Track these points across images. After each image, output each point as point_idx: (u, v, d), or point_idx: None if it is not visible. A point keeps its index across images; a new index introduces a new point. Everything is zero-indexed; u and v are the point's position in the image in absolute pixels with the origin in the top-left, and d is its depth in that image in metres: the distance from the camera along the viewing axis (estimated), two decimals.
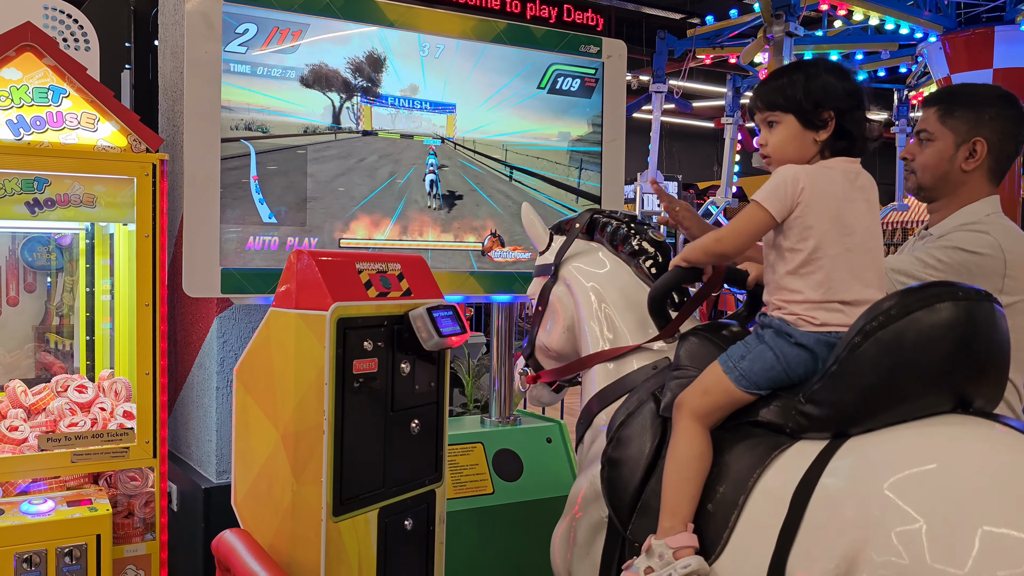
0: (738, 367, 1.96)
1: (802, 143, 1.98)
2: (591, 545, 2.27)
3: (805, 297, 1.92)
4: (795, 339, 1.92)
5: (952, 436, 1.68)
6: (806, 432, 1.86)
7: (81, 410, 3.03)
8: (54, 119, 2.80)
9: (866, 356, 1.76)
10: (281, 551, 2.24)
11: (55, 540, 2.67)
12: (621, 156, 3.86)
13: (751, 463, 1.88)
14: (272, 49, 3.05)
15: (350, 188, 3.21)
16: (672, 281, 2.23)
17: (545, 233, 2.72)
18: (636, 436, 2.15)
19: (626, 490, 2.11)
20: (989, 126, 2.25)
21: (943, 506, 1.53)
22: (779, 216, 1.92)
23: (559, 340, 2.58)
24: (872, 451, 1.71)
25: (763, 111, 2.02)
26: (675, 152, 19.91)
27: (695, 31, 10.91)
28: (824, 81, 1.95)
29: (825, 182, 1.93)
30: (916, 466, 1.62)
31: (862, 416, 1.77)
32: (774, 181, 1.94)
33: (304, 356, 2.20)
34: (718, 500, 1.90)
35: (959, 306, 1.72)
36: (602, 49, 3.79)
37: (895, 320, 1.74)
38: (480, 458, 3.43)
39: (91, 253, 3.36)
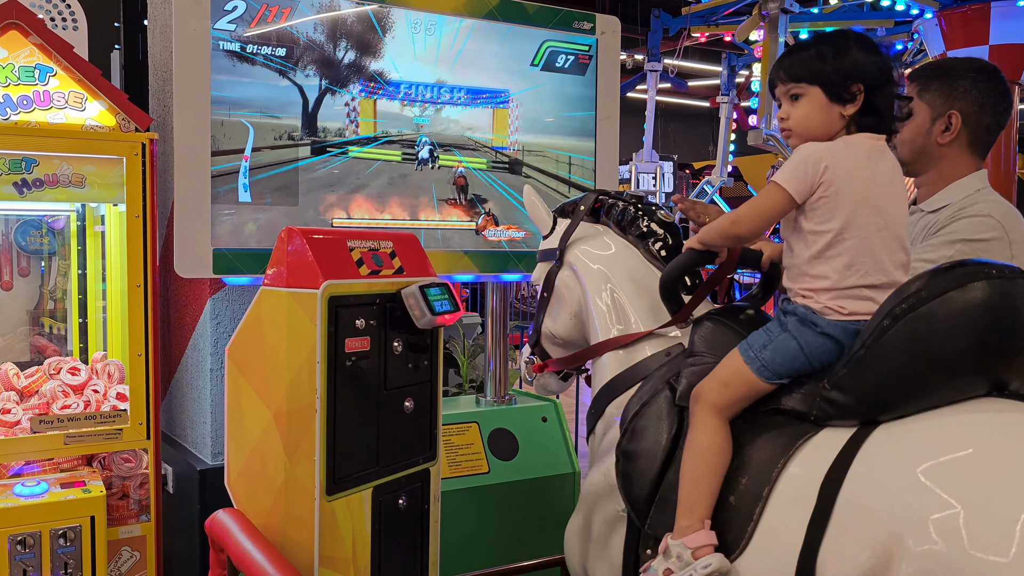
0: (760, 357, 1.87)
1: (828, 117, 1.88)
2: (608, 540, 2.20)
3: (832, 283, 1.84)
4: (821, 328, 1.84)
5: (989, 421, 1.61)
6: (832, 420, 1.78)
7: (74, 392, 3.02)
8: (41, 98, 2.77)
9: (895, 339, 1.68)
10: (275, 530, 2.23)
11: (49, 522, 2.66)
12: (615, 134, 3.84)
13: (774, 453, 1.80)
14: (261, 29, 3.02)
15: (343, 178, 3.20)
16: (685, 264, 2.15)
17: (549, 216, 2.63)
18: (651, 427, 2.06)
19: (643, 484, 2.03)
20: (964, 98, 2.23)
21: (982, 493, 1.47)
22: (800, 197, 1.83)
23: (566, 327, 2.50)
24: (905, 438, 1.64)
25: (786, 83, 1.92)
26: (670, 132, 19.85)
27: (690, 9, 10.83)
28: (855, 54, 1.86)
29: (850, 159, 1.84)
30: (952, 452, 1.55)
31: (892, 402, 1.70)
32: (795, 160, 1.85)
33: (296, 335, 2.19)
34: (740, 492, 1.82)
35: (992, 284, 1.64)
36: (596, 25, 3.76)
37: (926, 302, 1.66)
38: (475, 438, 3.43)
39: (82, 235, 3.34)
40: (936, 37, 8.21)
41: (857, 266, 1.82)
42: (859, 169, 1.84)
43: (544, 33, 3.61)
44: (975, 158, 2.28)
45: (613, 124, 3.83)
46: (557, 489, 3.46)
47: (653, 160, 12.18)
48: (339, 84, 3.18)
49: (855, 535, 1.60)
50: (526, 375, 2.71)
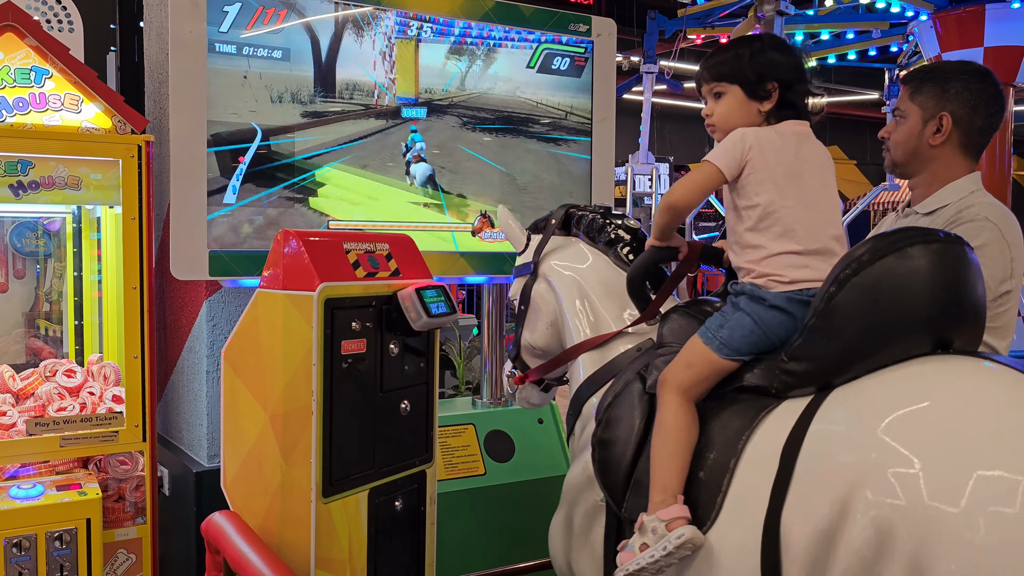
0: (717, 336, 1.97)
1: (747, 112, 2.04)
2: (589, 531, 2.26)
3: (768, 251, 1.95)
4: (769, 301, 1.94)
5: (941, 374, 1.68)
6: (792, 390, 1.86)
7: (70, 394, 3.01)
8: (37, 100, 2.77)
9: (843, 304, 1.77)
10: (271, 532, 2.23)
11: (45, 524, 2.66)
12: (611, 136, 3.85)
13: (739, 426, 1.88)
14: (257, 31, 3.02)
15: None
16: (648, 261, 2.27)
17: (522, 233, 2.74)
18: (624, 415, 2.14)
19: (618, 469, 2.10)
20: (955, 100, 2.26)
21: (938, 444, 1.53)
22: (728, 173, 1.98)
23: (543, 337, 2.58)
24: (860, 397, 1.71)
25: (709, 82, 2.10)
26: (666, 133, 19.86)
27: (686, 11, 10.84)
28: (769, 55, 2.03)
29: (775, 140, 1.99)
30: (908, 406, 1.61)
31: (845, 365, 1.77)
32: (725, 141, 2.01)
33: (292, 337, 2.18)
34: (709, 467, 1.89)
35: (931, 248, 1.73)
36: (592, 27, 3.77)
37: (868, 265, 1.75)
38: (472, 439, 3.43)
39: (78, 237, 3.34)
40: (931, 39, 8.24)
41: (789, 235, 1.95)
42: (785, 148, 1.99)
43: (540, 35, 3.61)
44: (968, 160, 2.30)
45: (609, 126, 3.83)
46: (553, 491, 3.44)
47: (649, 162, 12.17)
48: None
49: (815, 492, 1.66)
50: (508, 388, 2.77)
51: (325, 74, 3.16)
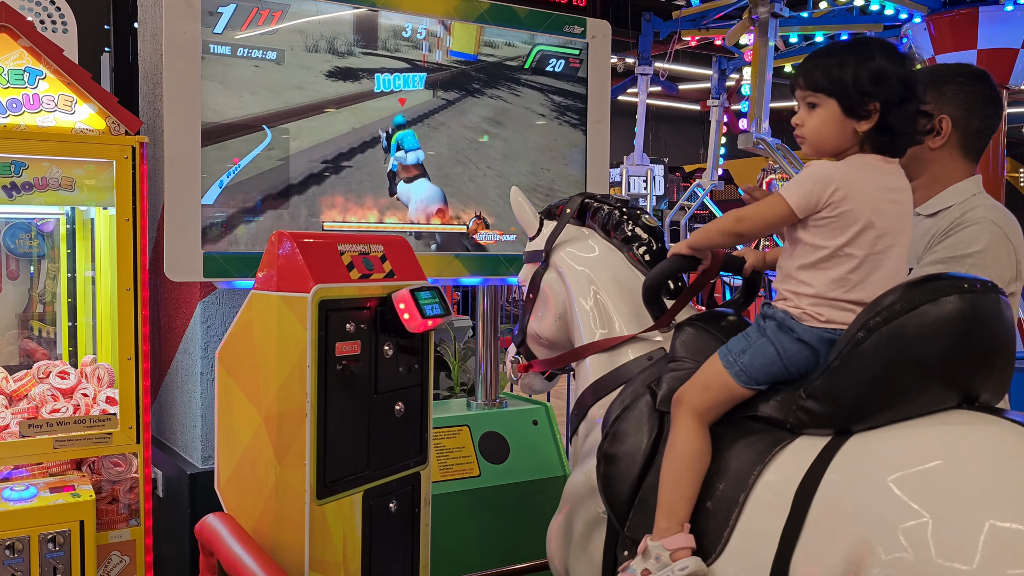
0: (738, 361, 1.90)
1: (841, 131, 1.87)
2: (588, 541, 2.24)
3: (816, 292, 1.86)
4: (797, 335, 1.86)
5: (957, 433, 1.65)
6: (807, 428, 1.81)
7: (63, 396, 3.01)
8: (31, 101, 2.77)
9: (869, 351, 1.71)
10: (265, 534, 2.23)
11: (38, 527, 2.65)
12: (606, 138, 3.85)
13: (751, 459, 1.83)
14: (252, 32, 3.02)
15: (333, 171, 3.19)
16: (669, 270, 2.18)
17: (535, 218, 2.65)
18: (632, 431, 2.09)
19: (623, 487, 2.06)
20: (951, 102, 2.24)
21: (949, 503, 1.51)
22: (802, 213, 1.84)
23: (551, 328, 2.53)
24: (876, 448, 1.68)
25: (804, 89, 1.90)
26: (661, 135, 19.89)
27: (680, 13, 10.86)
28: (877, 66, 1.82)
29: (860, 182, 1.83)
30: (921, 463, 1.59)
31: (865, 412, 1.73)
32: (805, 175, 1.85)
33: (286, 338, 2.18)
34: (717, 498, 1.85)
35: (964, 299, 1.67)
36: (586, 29, 3.77)
37: (899, 315, 1.69)
38: (466, 441, 3.43)
39: (72, 238, 3.33)
40: (925, 41, 8.25)
41: (844, 282, 1.84)
42: (870, 191, 1.83)
43: (536, 37, 3.62)
44: (968, 162, 2.29)
45: (604, 127, 3.84)
46: (548, 492, 3.46)
47: (644, 163, 12.20)
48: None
49: (827, 541, 1.63)
50: (511, 374, 2.74)
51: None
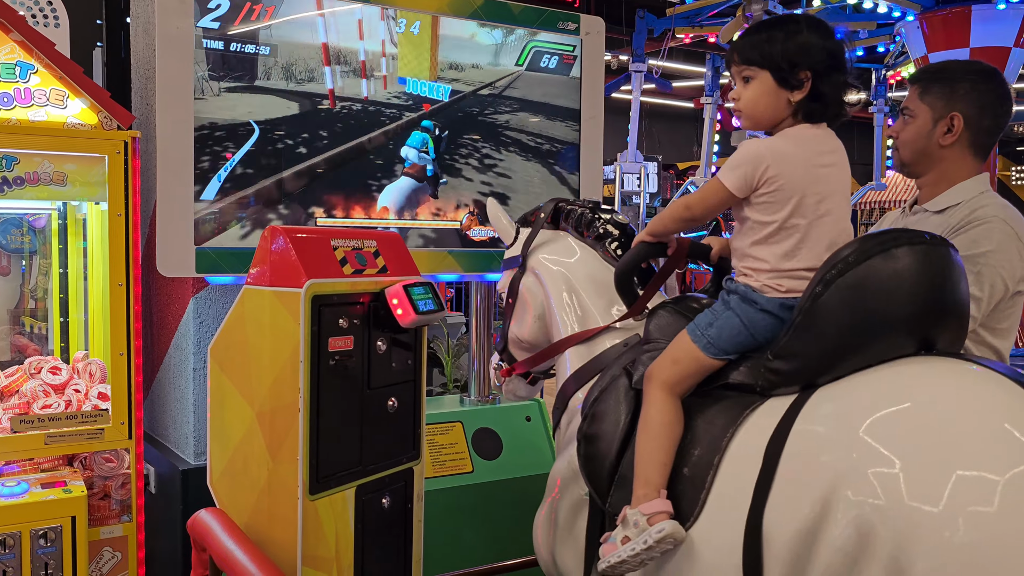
0: (706, 334, 1.97)
1: (776, 101, 1.95)
2: (573, 525, 2.28)
3: (771, 266, 1.93)
4: (760, 305, 1.93)
5: (923, 375, 1.69)
6: (776, 388, 1.87)
7: (55, 392, 3.00)
8: (22, 95, 2.75)
9: (829, 304, 1.77)
10: (257, 529, 2.23)
11: (29, 522, 2.64)
12: (599, 134, 3.85)
13: (724, 423, 1.89)
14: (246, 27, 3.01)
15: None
16: (637, 257, 2.26)
17: (511, 226, 2.74)
18: (611, 410, 2.15)
19: (603, 464, 2.12)
20: (964, 100, 2.26)
21: (919, 445, 1.54)
22: (740, 194, 1.93)
23: (531, 330, 2.59)
24: (843, 396, 1.73)
25: (739, 65, 1.99)
26: (655, 132, 19.90)
27: (674, 10, 10.86)
28: (805, 39, 1.91)
29: (792, 155, 1.91)
30: (890, 407, 1.63)
31: (829, 364, 1.78)
32: (737, 158, 1.94)
33: (279, 334, 2.18)
34: (693, 463, 1.90)
35: (915, 249, 1.74)
36: (580, 26, 3.77)
37: (854, 266, 1.75)
38: (459, 437, 3.43)
39: (64, 233, 3.32)
40: (918, 39, 8.28)
41: (795, 252, 1.91)
42: (801, 162, 1.91)
43: (529, 33, 3.62)
44: (976, 160, 2.31)
45: (597, 124, 3.84)
46: (541, 488, 3.42)
47: (638, 160, 12.19)
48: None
49: (797, 491, 1.67)
50: (495, 380, 2.77)
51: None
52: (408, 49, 3.36)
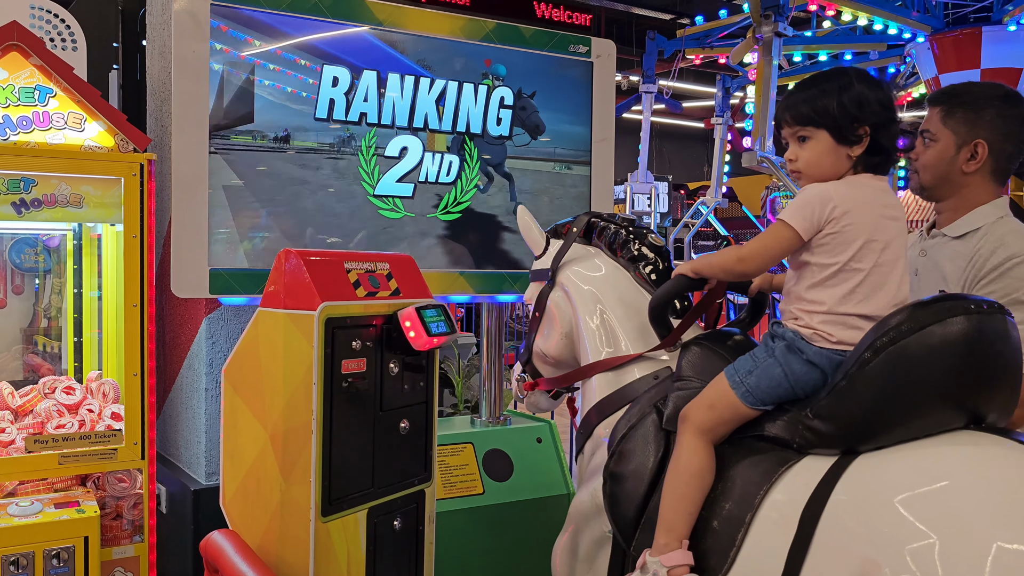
0: (745, 382, 1.90)
1: (836, 159, 1.90)
2: (594, 560, 2.23)
3: (828, 308, 1.87)
4: (807, 356, 1.87)
5: (964, 454, 1.65)
6: (813, 448, 1.81)
7: (69, 412, 3.01)
8: (40, 119, 2.79)
9: (876, 371, 1.72)
10: (269, 551, 2.23)
11: (42, 542, 2.65)
12: (611, 155, 3.87)
13: (757, 479, 1.83)
14: None
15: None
16: (675, 290, 2.18)
17: (542, 237, 2.66)
18: (639, 450, 2.09)
19: (629, 505, 2.06)
20: (989, 127, 2.21)
21: (955, 524, 1.51)
22: (806, 235, 1.87)
23: (557, 347, 2.53)
24: (884, 469, 1.68)
25: (793, 125, 1.93)
26: (665, 152, 19.94)
27: (685, 31, 10.93)
28: (858, 92, 1.87)
29: (858, 197, 1.87)
30: (928, 484, 1.59)
31: (872, 433, 1.73)
32: (803, 199, 1.88)
33: (292, 356, 2.19)
34: (724, 517, 1.85)
35: (970, 319, 1.68)
36: (591, 49, 3.79)
37: (906, 335, 1.70)
38: (470, 458, 3.42)
39: (79, 254, 3.35)
40: (928, 60, 8.29)
41: (855, 295, 1.85)
42: (867, 206, 1.86)
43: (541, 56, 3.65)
44: (996, 185, 2.27)
45: (608, 145, 3.85)
46: (551, 510, 3.46)
47: (648, 181, 12.22)
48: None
49: (834, 562, 1.63)
50: (517, 393, 2.74)
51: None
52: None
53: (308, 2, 3.12)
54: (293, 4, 3.09)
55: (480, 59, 3.50)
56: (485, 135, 3.52)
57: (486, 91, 3.50)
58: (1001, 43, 7.87)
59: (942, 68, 8.17)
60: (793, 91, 1.97)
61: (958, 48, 8.04)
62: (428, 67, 3.37)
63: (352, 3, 3.22)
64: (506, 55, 3.55)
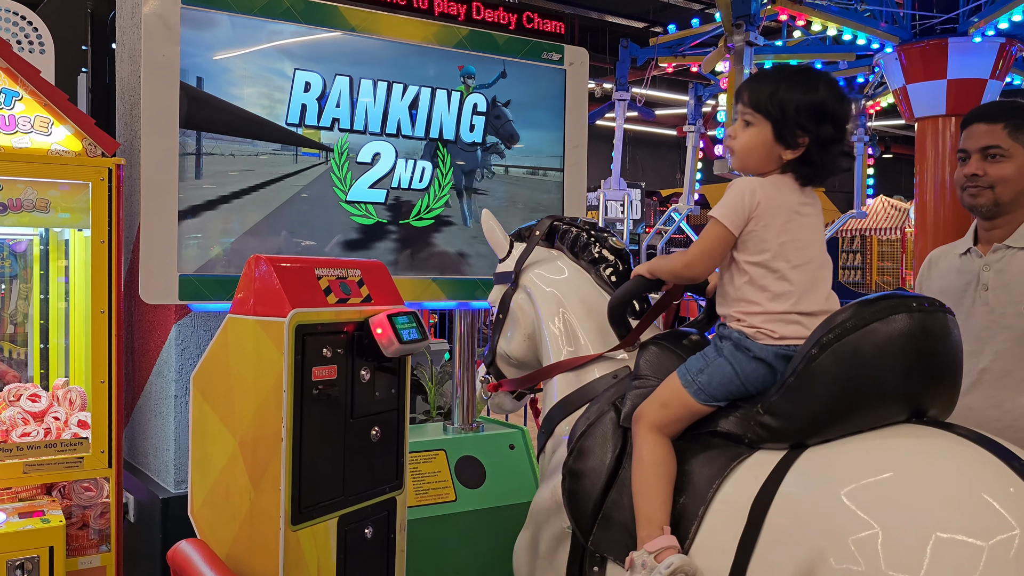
0: (696, 380, 1.96)
1: (768, 154, 1.96)
2: (554, 556, 2.27)
3: (764, 308, 1.93)
4: (754, 353, 1.92)
5: (908, 446, 1.71)
6: (764, 443, 1.87)
7: (34, 419, 2.96)
8: (6, 123, 2.75)
9: (823, 368, 1.78)
10: (239, 560, 2.21)
11: (6, 553, 2.60)
12: (583, 162, 3.88)
13: (710, 474, 1.89)
14: None
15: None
16: (633, 291, 2.25)
17: (505, 240, 2.71)
18: (597, 447, 2.14)
19: (587, 501, 2.10)
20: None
21: (898, 514, 1.56)
22: (736, 229, 1.93)
23: (520, 348, 2.58)
24: (830, 461, 1.73)
25: (745, 105, 1.98)
26: (638, 159, 20.05)
27: (657, 40, 10.99)
28: (818, 101, 1.90)
29: (779, 196, 1.93)
30: (872, 475, 1.64)
31: (819, 427, 1.79)
32: (729, 195, 1.94)
33: (262, 363, 2.17)
34: (678, 511, 1.90)
35: (913, 317, 1.75)
36: (564, 56, 3.81)
37: (851, 332, 1.76)
38: (442, 465, 3.41)
39: (45, 259, 3.30)
40: (896, 71, 8.40)
41: (786, 295, 1.92)
42: (789, 204, 1.93)
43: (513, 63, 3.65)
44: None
45: (581, 153, 3.87)
46: (524, 517, 3.44)
47: (621, 188, 12.28)
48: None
49: (781, 553, 1.67)
50: (482, 394, 2.77)
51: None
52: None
53: (280, 6, 3.10)
54: (265, 8, 3.07)
55: (453, 65, 3.50)
56: (458, 141, 3.52)
57: (459, 97, 3.50)
58: (967, 54, 7.99)
59: (909, 78, 8.28)
60: (761, 74, 2.03)
61: (925, 58, 8.16)
62: (401, 73, 3.37)
63: (324, 8, 3.21)
64: (479, 62, 3.55)
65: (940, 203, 8.09)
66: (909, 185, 9.93)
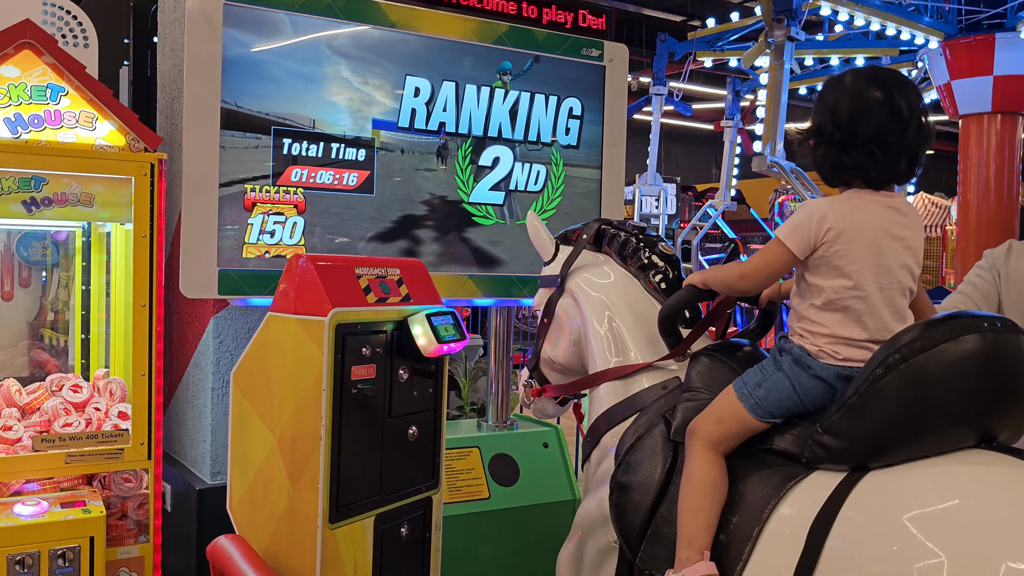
0: (754, 395, 1.90)
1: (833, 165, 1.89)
2: (599, 570, 2.23)
3: (831, 332, 1.86)
4: (814, 372, 1.86)
5: (975, 474, 1.64)
6: (822, 463, 1.80)
7: (76, 410, 3.01)
8: (52, 117, 2.78)
9: (888, 389, 1.71)
10: (276, 557, 2.22)
11: (48, 542, 2.65)
12: (622, 160, 3.85)
13: (766, 493, 1.83)
14: None
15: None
16: (685, 300, 2.18)
17: (551, 243, 2.64)
18: (646, 461, 2.08)
19: (635, 516, 2.05)
20: None
21: (964, 543, 1.51)
22: (801, 254, 1.86)
23: (565, 354, 2.51)
24: (894, 486, 1.67)
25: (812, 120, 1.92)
26: (674, 154, 19.90)
27: (696, 34, 10.90)
28: (827, 100, 1.87)
29: (857, 216, 1.84)
30: (939, 503, 1.59)
31: (882, 450, 1.72)
32: (798, 217, 1.87)
33: (302, 361, 2.18)
34: (731, 531, 1.85)
35: (985, 338, 1.67)
36: (604, 52, 3.77)
37: (918, 353, 1.69)
38: (476, 463, 3.41)
39: (87, 251, 3.34)
40: (941, 67, 8.26)
41: (857, 323, 1.85)
42: (869, 225, 1.83)
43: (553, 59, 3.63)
44: None
45: (620, 150, 3.83)
46: (557, 516, 3.44)
47: (657, 183, 12.19)
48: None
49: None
50: (524, 398, 2.72)
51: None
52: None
53: (321, 3, 3.10)
54: (307, 4, 3.08)
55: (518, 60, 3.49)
56: (555, 144, 3.62)
57: (556, 101, 3.61)
58: (1014, 49, 7.83)
59: (954, 74, 8.14)
60: (828, 86, 1.95)
61: (971, 54, 8.01)
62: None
63: (365, 4, 3.21)
64: (520, 58, 3.53)
65: (984, 201, 7.92)
66: (950, 182, 9.75)
